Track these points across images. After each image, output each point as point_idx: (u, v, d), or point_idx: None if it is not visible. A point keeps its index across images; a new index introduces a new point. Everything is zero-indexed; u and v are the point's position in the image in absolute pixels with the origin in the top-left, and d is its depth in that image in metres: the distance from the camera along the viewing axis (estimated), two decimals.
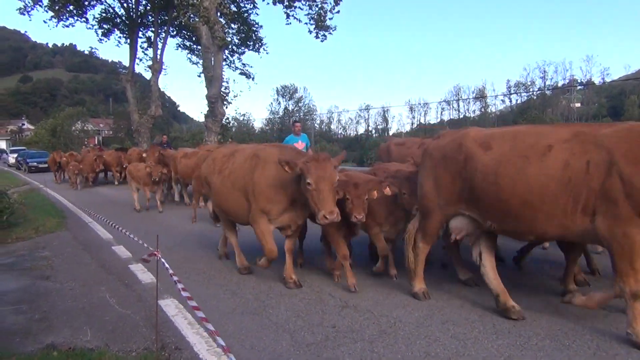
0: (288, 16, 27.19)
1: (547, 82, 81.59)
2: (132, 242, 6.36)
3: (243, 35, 30.44)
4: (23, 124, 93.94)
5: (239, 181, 5.98)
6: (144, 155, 18.26)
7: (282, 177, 5.42)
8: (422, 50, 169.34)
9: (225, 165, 6.35)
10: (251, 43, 30.76)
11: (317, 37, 26.99)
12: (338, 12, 25.95)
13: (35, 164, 33.64)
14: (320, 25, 26.44)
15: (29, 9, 27.65)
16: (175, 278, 3.80)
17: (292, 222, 5.82)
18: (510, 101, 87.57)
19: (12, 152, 47.34)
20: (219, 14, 23.32)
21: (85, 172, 20.18)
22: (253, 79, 31.65)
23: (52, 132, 56.69)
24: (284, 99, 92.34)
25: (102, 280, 6.38)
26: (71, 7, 29.28)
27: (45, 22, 29.03)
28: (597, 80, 79.87)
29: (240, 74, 31.44)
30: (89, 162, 20.51)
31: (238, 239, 6.96)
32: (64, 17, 29.34)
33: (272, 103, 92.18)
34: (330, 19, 26.32)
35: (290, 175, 5.29)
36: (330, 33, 26.90)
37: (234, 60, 31.33)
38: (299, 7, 26.60)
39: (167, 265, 4.00)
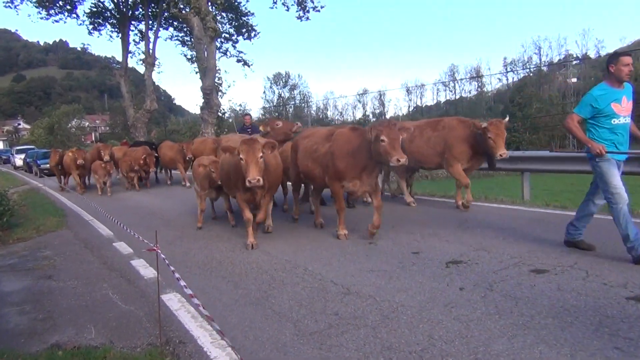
0: (275, 2, 27.00)
1: (543, 59, 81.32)
2: (133, 238, 6.38)
3: (236, 24, 30.27)
4: (19, 124, 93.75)
5: None
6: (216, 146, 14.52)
7: None
8: (417, 31, 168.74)
9: None
10: (244, 31, 30.58)
11: (299, 18, 26.85)
12: None
13: (48, 165, 27.71)
14: (304, 5, 26.28)
15: (16, 4, 27.45)
16: (177, 275, 3.80)
17: None
18: (507, 79, 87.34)
19: (19, 152, 40.11)
20: (209, 4, 23.16)
21: (125, 171, 16.77)
22: (250, 66, 31.49)
23: (49, 130, 56.50)
24: (278, 87, 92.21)
25: (105, 277, 6.39)
26: (60, 3, 29.08)
27: (29, 15, 29.11)
28: (592, 54, 79.51)
29: (237, 61, 31.29)
30: (134, 159, 16.55)
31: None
32: (54, 12, 29.19)
33: (265, 92, 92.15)
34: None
35: None
36: (318, 10, 26.68)
37: (228, 48, 31.18)
38: None
39: (167, 261, 3.99)
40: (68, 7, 29.91)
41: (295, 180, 8.81)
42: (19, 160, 37.69)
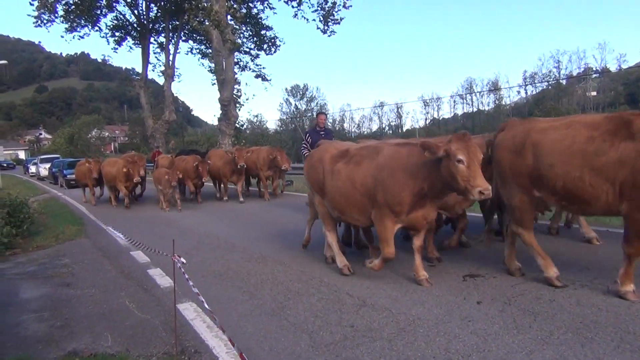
0: (296, 14, 27.13)
1: (562, 72, 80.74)
2: (149, 247, 6.43)
3: (257, 39, 30.48)
4: (40, 134, 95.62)
5: None
6: (277, 157, 13.86)
7: None
8: (435, 44, 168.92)
9: None
10: (265, 46, 30.77)
11: (324, 32, 26.82)
12: (350, 6, 25.81)
13: (74, 176, 22.27)
14: (328, 19, 26.26)
15: (45, 22, 28.03)
16: (191, 283, 3.81)
17: None
18: (526, 92, 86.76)
19: (44, 161, 37.23)
20: (229, 17, 23.41)
21: (166, 186, 13.44)
22: (269, 81, 31.58)
23: (69, 140, 57.40)
24: (295, 99, 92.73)
25: (122, 286, 6.44)
26: (85, 17, 29.68)
27: (62, 37, 29.96)
28: (613, 67, 78.73)
29: (256, 76, 31.46)
30: (184, 169, 14.35)
31: None
32: (78, 27, 29.80)
33: (282, 104, 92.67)
34: (338, 11, 26.16)
35: None
36: (337, 23, 26.64)
37: (247, 62, 31.37)
38: (308, 5, 26.48)
39: (182, 270, 4.02)
40: (91, 20, 30.51)
41: (522, 202, 5.37)
42: (43, 169, 35.12)
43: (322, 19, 26.24)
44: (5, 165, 58.51)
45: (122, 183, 14.66)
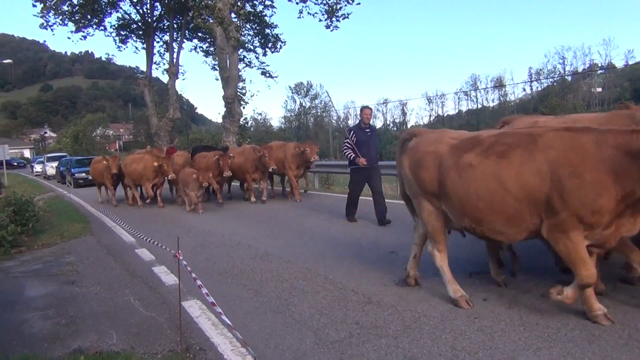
0: (301, 11, 26.90)
1: (567, 68, 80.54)
2: (154, 245, 6.43)
3: (261, 38, 30.32)
4: (45, 132, 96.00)
5: None
6: (306, 150, 12.79)
7: None
8: (439, 41, 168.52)
9: None
10: (270, 45, 30.61)
11: (328, 27, 26.55)
12: (358, 3, 25.53)
13: (83, 175, 23.81)
14: (332, 15, 25.96)
15: (52, 25, 28.02)
16: (198, 282, 3.80)
17: None
18: (531, 88, 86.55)
19: (51, 160, 37.50)
20: (233, 14, 23.36)
21: (194, 187, 12.23)
22: (274, 77, 31.35)
23: (74, 138, 57.54)
24: (299, 97, 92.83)
25: (127, 284, 6.44)
26: (89, 17, 29.65)
27: (69, 38, 29.92)
28: (619, 63, 78.40)
29: (262, 73, 31.30)
30: (205, 166, 13.36)
31: None
32: (83, 26, 29.77)
33: (286, 101, 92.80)
34: (345, 6, 25.81)
35: None
36: (346, 17, 26.22)
37: (251, 60, 31.23)
38: (313, 2, 26.21)
39: (189, 268, 4.01)
40: (96, 20, 30.49)
41: None
42: (50, 168, 35.10)
43: (324, 13, 26.01)
44: (16, 164, 59.27)
45: (149, 181, 13.69)
